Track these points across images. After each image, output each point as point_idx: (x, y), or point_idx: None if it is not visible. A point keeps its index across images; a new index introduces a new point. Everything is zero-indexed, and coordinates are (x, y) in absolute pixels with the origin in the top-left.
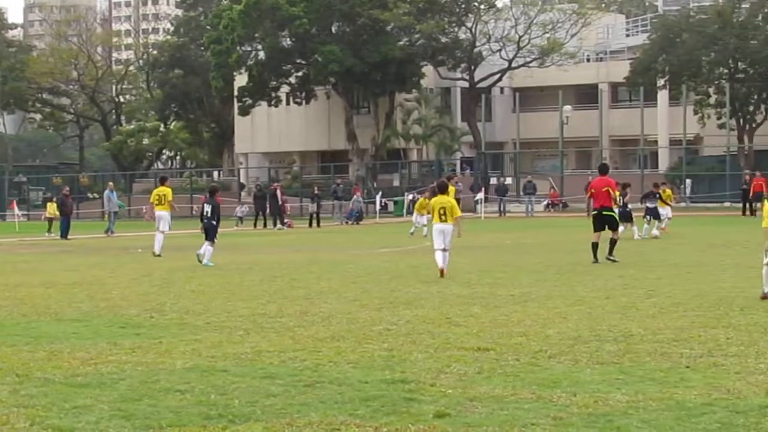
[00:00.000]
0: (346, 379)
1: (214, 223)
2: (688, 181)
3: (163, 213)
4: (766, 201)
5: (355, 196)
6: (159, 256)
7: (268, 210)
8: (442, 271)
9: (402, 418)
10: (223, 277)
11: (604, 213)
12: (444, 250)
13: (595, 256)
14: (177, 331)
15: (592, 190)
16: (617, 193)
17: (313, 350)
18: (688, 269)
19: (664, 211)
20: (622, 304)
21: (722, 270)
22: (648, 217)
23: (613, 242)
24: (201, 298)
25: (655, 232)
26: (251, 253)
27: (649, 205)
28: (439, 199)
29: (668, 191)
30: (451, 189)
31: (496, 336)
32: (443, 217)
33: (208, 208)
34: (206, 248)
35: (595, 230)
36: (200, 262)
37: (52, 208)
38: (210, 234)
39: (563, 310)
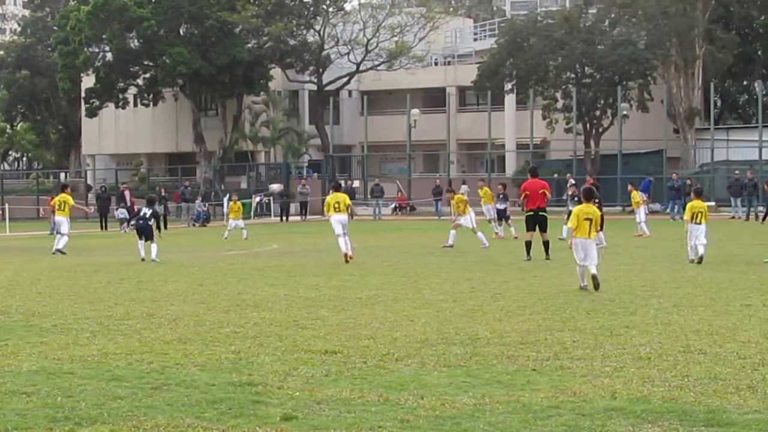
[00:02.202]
0: (193, 382)
1: (150, 224)
2: None
3: (63, 218)
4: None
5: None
6: (64, 253)
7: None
8: (346, 256)
9: (249, 421)
10: (70, 279)
11: (540, 213)
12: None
13: (528, 253)
14: (23, 333)
15: (527, 192)
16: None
17: (160, 353)
18: (535, 273)
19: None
20: (469, 307)
21: (569, 273)
22: (498, 218)
23: (546, 244)
24: (48, 300)
25: (513, 232)
26: (98, 255)
27: (499, 206)
28: (336, 197)
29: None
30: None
31: (344, 339)
32: (339, 209)
33: (146, 211)
34: (153, 247)
35: (528, 230)
36: (143, 260)
37: None
38: (147, 234)
39: (411, 313)
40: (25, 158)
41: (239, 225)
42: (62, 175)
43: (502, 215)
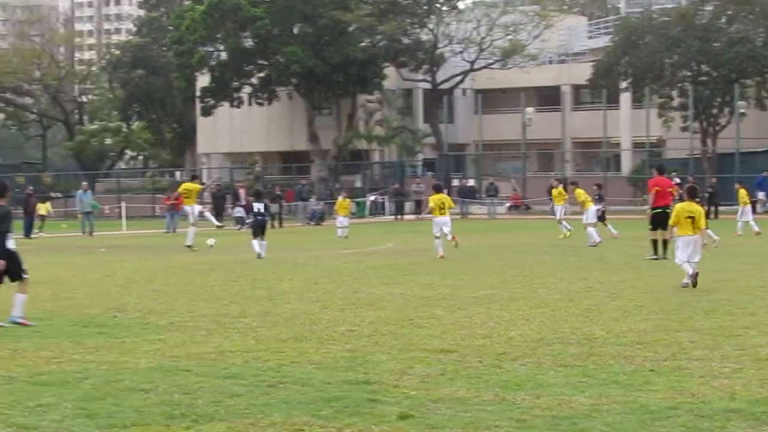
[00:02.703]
0: (309, 380)
1: (267, 219)
2: None
3: (189, 207)
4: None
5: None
6: (191, 247)
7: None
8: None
9: (365, 419)
10: (186, 277)
11: (666, 211)
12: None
13: (656, 252)
14: (140, 331)
15: (658, 188)
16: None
17: (275, 351)
18: (651, 272)
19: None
20: (585, 306)
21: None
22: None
23: (666, 243)
24: (164, 298)
25: (615, 232)
26: (213, 253)
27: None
28: (440, 198)
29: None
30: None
31: (459, 338)
32: (443, 211)
33: (260, 206)
34: (262, 243)
35: (656, 228)
36: (259, 257)
37: (44, 207)
38: (264, 229)
39: (526, 312)
40: (140, 157)
41: (343, 223)
42: (178, 173)
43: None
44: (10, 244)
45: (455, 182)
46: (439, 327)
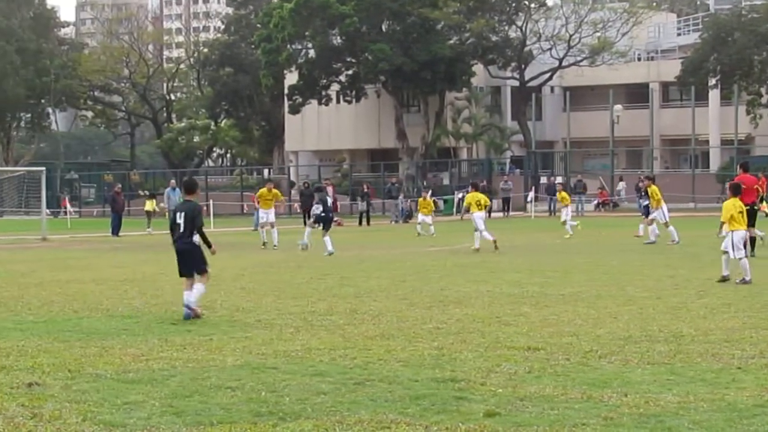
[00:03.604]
0: (396, 378)
1: (331, 215)
2: None
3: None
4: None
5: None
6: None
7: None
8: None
9: (452, 417)
10: (273, 275)
11: (753, 208)
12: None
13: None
14: (227, 329)
15: (743, 186)
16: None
17: (363, 348)
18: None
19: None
20: (672, 304)
21: None
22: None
23: (753, 240)
24: (251, 296)
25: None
26: (299, 251)
27: (644, 202)
28: (476, 195)
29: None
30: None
31: (546, 335)
32: (480, 207)
33: (320, 205)
34: (326, 239)
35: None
36: (331, 254)
37: (151, 204)
38: (326, 224)
39: (613, 310)
40: (228, 155)
41: (427, 221)
42: (266, 171)
43: (647, 212)
44: (195, 239)
45: (543, 179)
46: (526, 324)
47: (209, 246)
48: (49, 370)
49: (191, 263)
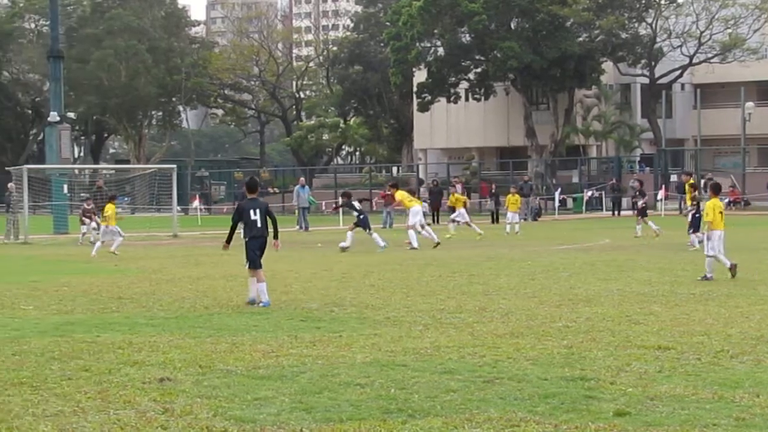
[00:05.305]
0: (525, 376)
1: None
2: None
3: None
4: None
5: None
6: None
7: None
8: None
9: (582, 416)
10: (402, 273)
11: None
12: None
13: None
14: (357, 326)
15: None
16: None
17: (492, 346)
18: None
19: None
20: None
21: None
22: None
23: None
24: (380, 293)
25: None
26: (429, 248)
27: (639, 202)
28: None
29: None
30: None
31: (677, 335)
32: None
33: (360, 207)
34: (374, 236)
35: None
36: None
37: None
38: (365, 225)
39: (745, 309)
40: (357, 152)
41: (514, 219)
42: (394, 169)
43: (642, 212)
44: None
45: (673, 177)
46: (657, 323)
47: (276, 238)
48: (181, 366)
49: (260, 256)
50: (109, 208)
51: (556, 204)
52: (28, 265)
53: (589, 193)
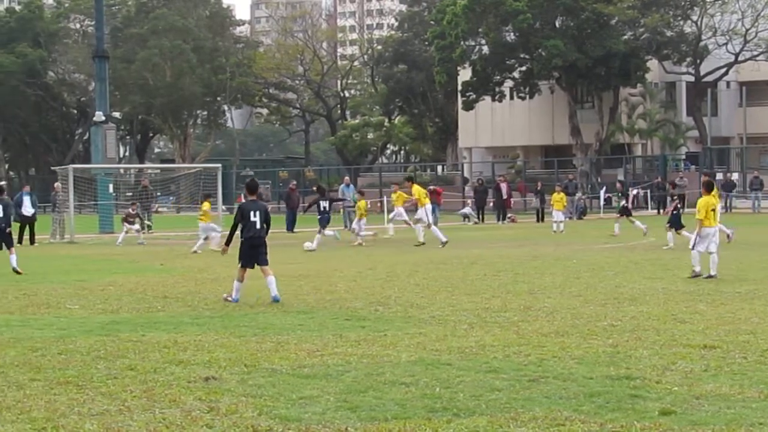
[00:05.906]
0: (571, 375)
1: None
2: None
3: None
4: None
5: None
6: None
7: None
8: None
9: (627, 415)
10: (446, 271)
11: None
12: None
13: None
14: (402, 324)
15: None
16: None
17: (537, 345)
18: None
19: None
20: None
21: None
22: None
23: None
24: (425, 292)
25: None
26: (474, 247)
27: (623, 203)
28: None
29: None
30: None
31: (723, 333)
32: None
33: (325, 204)
34: (318, 237)
35: None
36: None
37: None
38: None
39: None
40: (402, 151)
41: (559, 218)
42: (439, 168)
43: (624, 212)
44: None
45: (719, 176)
46: (702, 322)
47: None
48: (226, 365)
49: (260, 257)
50: (206, 206)
51: (602, 202)
52: (74, 264)
53: (634, 192)
